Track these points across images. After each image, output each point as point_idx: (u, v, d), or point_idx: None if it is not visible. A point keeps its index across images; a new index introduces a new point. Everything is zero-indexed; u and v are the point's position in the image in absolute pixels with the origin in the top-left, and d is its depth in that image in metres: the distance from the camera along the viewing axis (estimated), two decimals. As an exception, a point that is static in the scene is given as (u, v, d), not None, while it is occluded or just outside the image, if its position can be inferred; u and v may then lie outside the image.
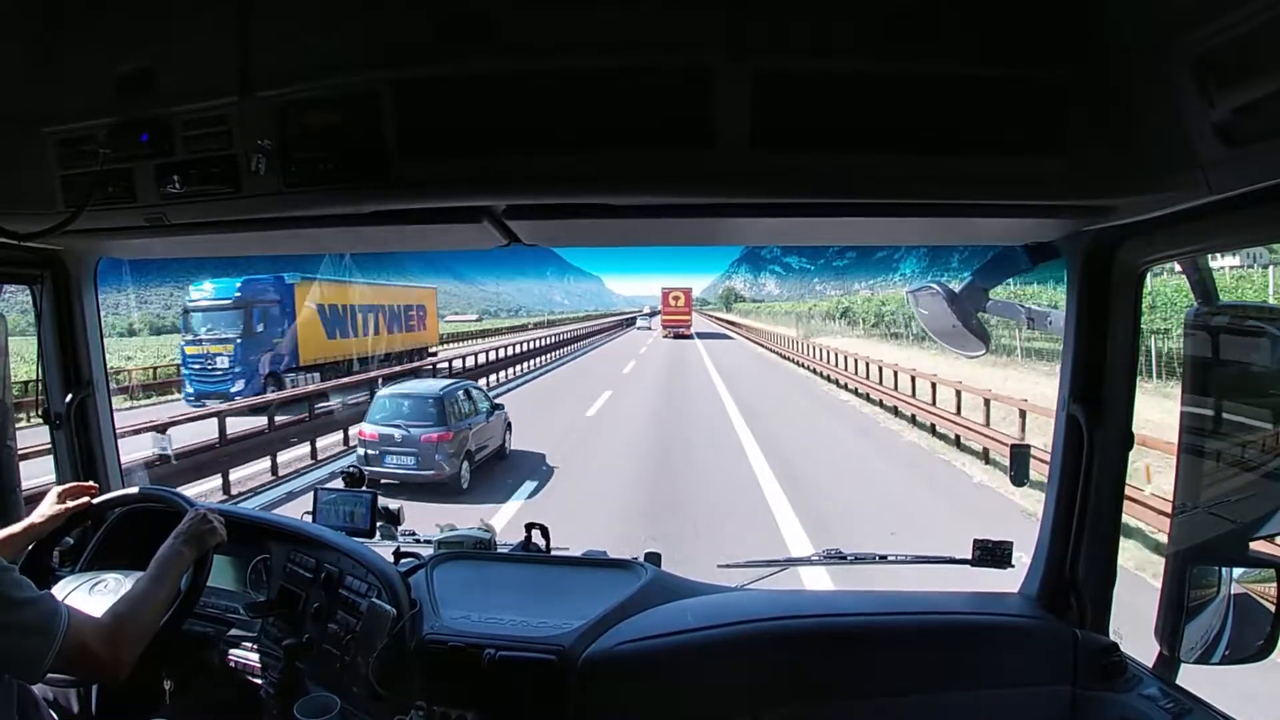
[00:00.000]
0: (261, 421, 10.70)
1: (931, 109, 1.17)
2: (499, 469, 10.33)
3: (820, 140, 1.19)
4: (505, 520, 7.36)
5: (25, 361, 2.14)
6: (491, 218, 1.41)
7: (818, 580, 4.85)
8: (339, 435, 11.64)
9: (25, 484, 2.03)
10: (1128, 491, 1.63)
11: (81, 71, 1.33)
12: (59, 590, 1.53)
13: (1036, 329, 1.73)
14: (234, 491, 9.25)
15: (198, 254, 2.06)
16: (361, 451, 9.21)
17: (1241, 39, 0.88)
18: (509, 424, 11.09)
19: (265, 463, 10.17)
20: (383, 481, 8.82)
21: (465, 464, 9.39)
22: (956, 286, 1.71)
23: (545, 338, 33.29)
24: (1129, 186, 1.17)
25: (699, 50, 1.15)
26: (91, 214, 1.40)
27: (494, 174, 1.26)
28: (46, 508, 1.63)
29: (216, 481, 9.17)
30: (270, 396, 12.58)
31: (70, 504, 1.65)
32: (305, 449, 10.97)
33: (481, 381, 15.73)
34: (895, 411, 14.57)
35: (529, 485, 9.51)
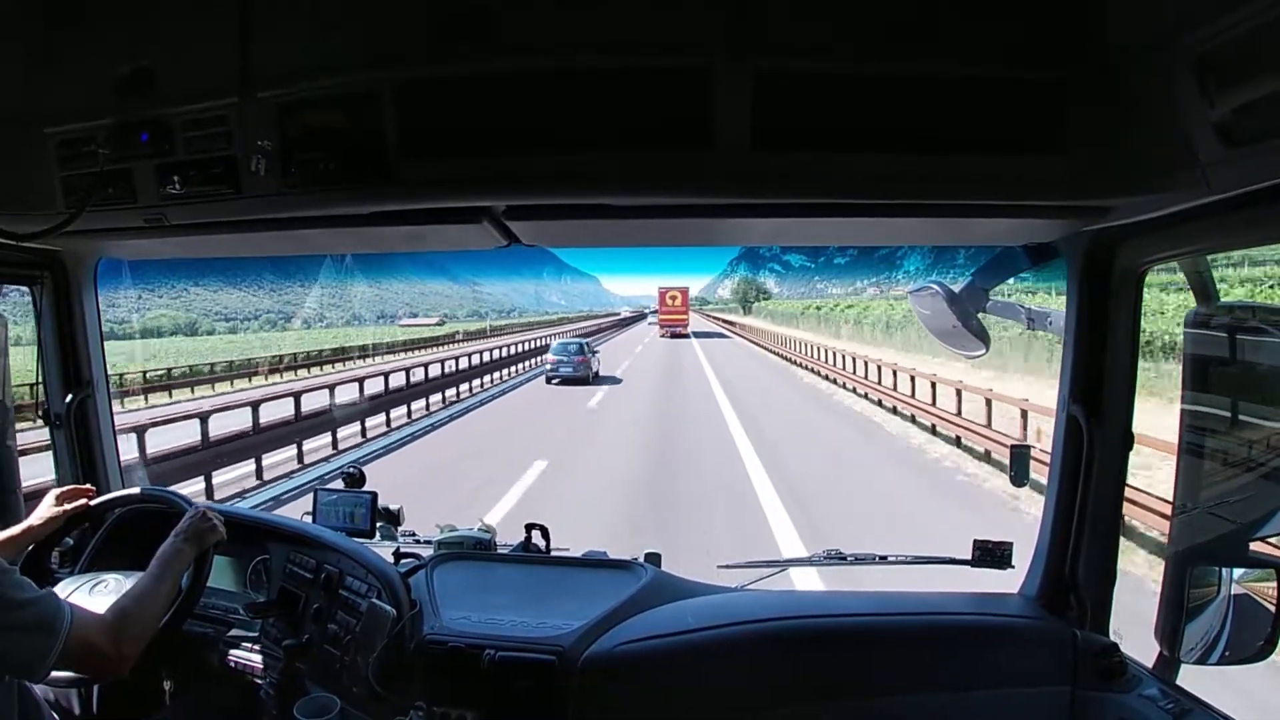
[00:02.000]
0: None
1: (932, 109, 1.17)
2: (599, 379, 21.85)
3: (820, 140, 1.19)
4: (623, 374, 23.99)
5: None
6: (491, 218, 1.41)
7: (817, 581, 4.85)
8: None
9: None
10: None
11: (81, 72, 1.33)
12: (59, 591, 1.53)
13: (1037, 329, 1.73)
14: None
15: (198, 254, 2.06)
16: (547, 367, 21.56)
17: (1241, 39, 0.88)
18: (600, 360, 23.22)
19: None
20: (554, 382, 20.95)
21: (591, 372, 21.43)
22: (956, 287, 1.71)
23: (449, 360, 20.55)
24: (1129, 186, 1.17)
25: (699, 50, 1.15)
26: (91, 214, 1.40)
27: (494, 174, 1.26)
28: (44, 510, 1.63)
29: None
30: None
31: (67, 507, 1.65)
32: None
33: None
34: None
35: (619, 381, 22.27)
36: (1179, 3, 0.96)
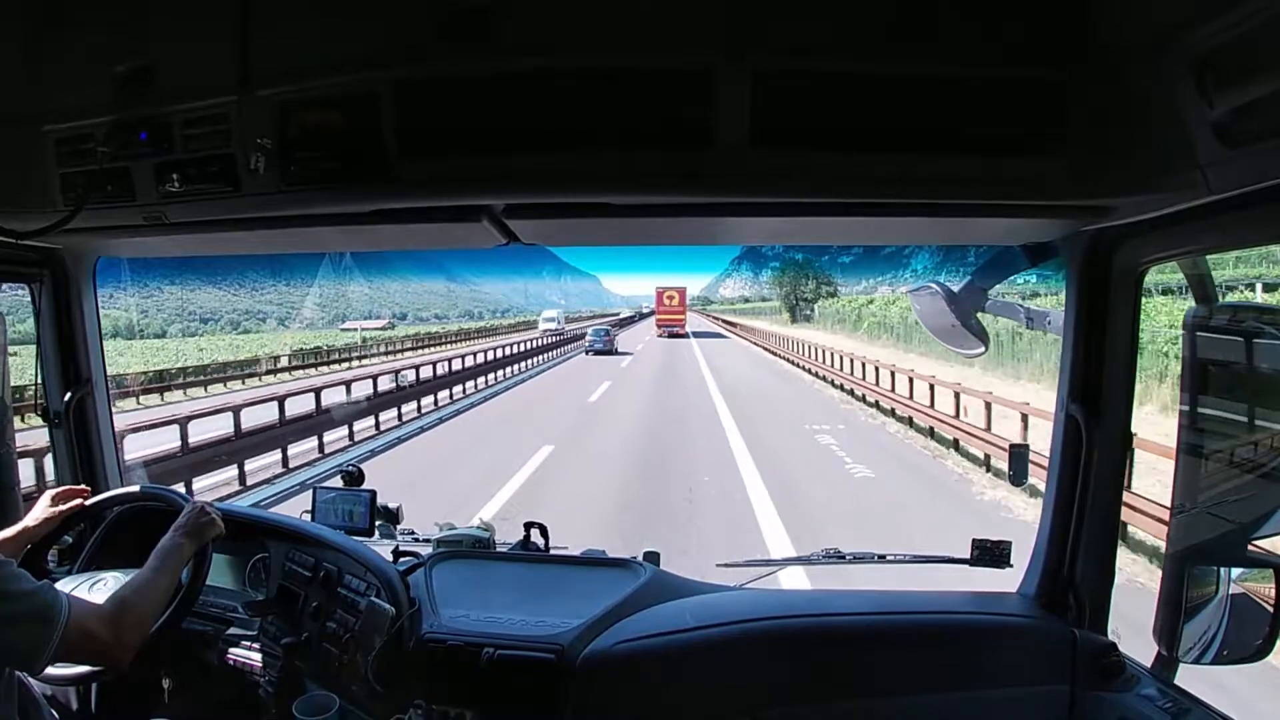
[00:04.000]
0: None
1: (931, 109, 1.17)
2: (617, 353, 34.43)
3: (820, 140, 1.19)
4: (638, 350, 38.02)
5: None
6: (491, 217, 1.41)
7: (816, 580, 4.86)
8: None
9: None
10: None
11: (81, 70, 1.33)
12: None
13: (1035, 329, 1.73)
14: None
15: (196, 252, 2.06)
16: (588, 342, 36.69)
17: (1241, 39, 0.88)
18: (617, 338, 39.99)
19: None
20: (589, 354, 34.76)
21: (614, 347, 36.72)
22: (956, 286, 1.71)
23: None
24: (1128, 186, 1.17)
25: (699, 50, 1.15)
26: (90, 213, 1.40)
27: (493, 173, 1.26)
28: (39, 512, 1.62)
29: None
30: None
31: (62, 507, 1.64)
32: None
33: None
34: None
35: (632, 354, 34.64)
36: (1179, 3, 0.97)
